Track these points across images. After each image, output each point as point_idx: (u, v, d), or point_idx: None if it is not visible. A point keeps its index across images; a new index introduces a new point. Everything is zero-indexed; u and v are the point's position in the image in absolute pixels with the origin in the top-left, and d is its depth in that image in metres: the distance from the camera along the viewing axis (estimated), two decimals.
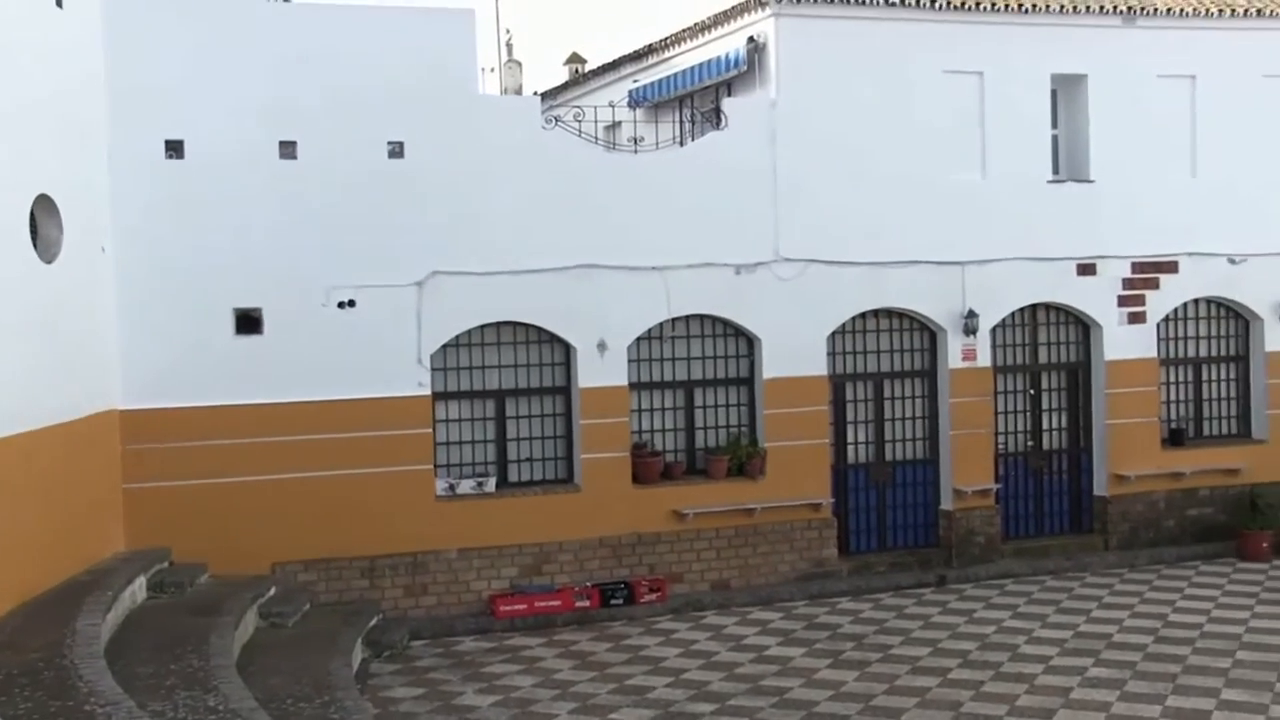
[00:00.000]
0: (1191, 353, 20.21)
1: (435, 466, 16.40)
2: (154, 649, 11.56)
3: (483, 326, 16.63)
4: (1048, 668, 14.05)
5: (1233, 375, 20.41)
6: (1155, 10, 19.04)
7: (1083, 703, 12.80)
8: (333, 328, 15.77)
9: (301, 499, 15.66)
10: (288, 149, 15.56)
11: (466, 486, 16.54)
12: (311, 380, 15.69)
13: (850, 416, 18.46)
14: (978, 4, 18.04)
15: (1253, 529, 19.20)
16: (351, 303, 15.81)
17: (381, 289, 15.90)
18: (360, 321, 15.85)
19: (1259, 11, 19.49)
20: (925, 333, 18.69)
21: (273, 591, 14.82)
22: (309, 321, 15.71)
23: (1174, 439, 19.88)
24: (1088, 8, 18.71)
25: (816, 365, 17.87)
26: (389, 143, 15.90)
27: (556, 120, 16.82)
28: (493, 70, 26.70)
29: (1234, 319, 20.33)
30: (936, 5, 17.83)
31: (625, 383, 17.08)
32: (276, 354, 15.59)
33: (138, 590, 13.59)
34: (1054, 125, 19.12)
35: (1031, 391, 19.44)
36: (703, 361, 17.72)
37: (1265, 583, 17.75)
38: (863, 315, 18.28)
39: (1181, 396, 20.19)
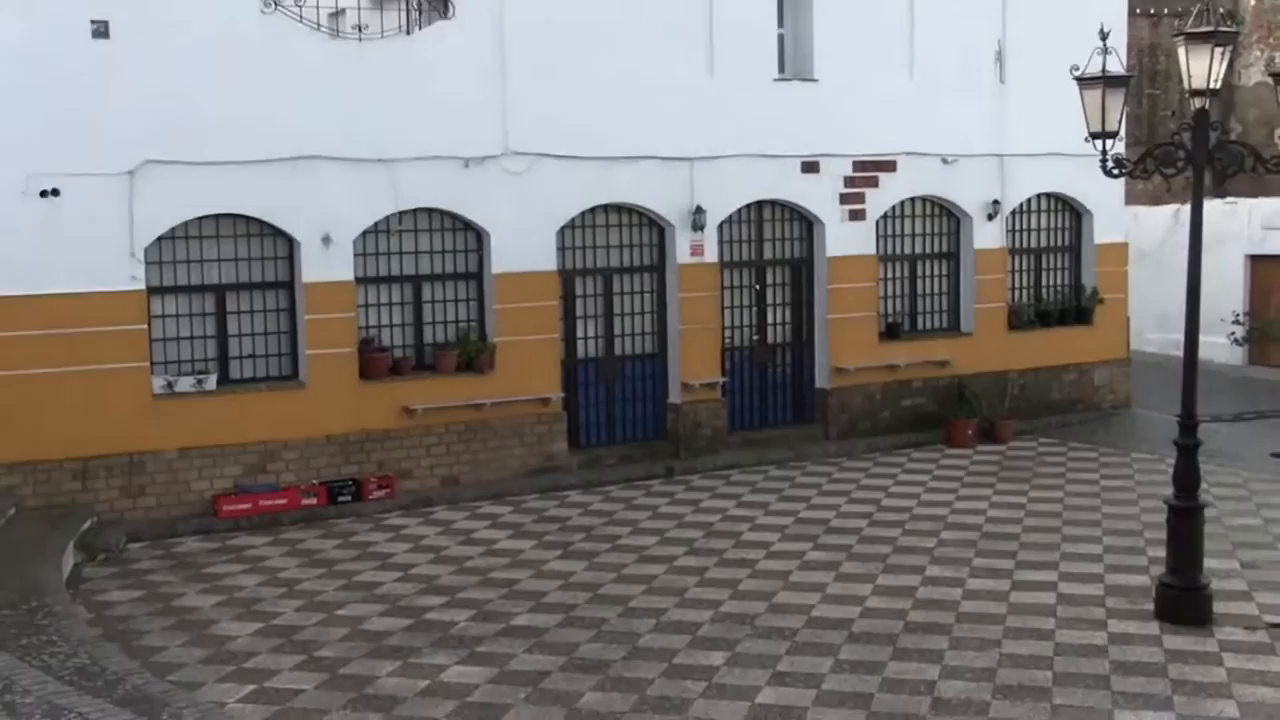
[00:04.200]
0: (908, 250, 20.99)
1: (151, 364, 15.75)
2: None
3: (200, 219, 15.95)
4: (769, 553, 14.52)
5: (945, 271, 21.31)
6: None
7: (801, 584, 13.29)
8: (35, 218, 14.85)
9: (3, 399, 14.82)
10: None
11: (185, 384, 15.94)
12: (11, 273, 14.76)
13: (580, 311, 18.53)
14: None
15: (959, 418, 20.22)
16: (55, 191, 14.90)
17: (89, 177, 15.02)
18: (66, 212, 14.97)
19: None
20: (654, 228, 18.86)
21: None
22: (7, 211, 14.74)
23: (890, 333, 20.67)
24: None
25: (546, 260, 17.85)
26: (92, 21, 14.93)
27: (276, 4, 16.09)
28: None
29: (947, 217, 21.19)
30: None
31: (351, 277, 16.70)
32: None
33: None
34: (780, 24, 19.39)
35: (757, 287, 19.89)
36: (431, 256, 17.46)
37: (969, 467, 18.74)
38: (592, 210, 18.30)
39: (898, 292, 20.99)
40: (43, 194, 14.86)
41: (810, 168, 19.53)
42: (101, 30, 14.99)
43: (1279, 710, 9.85)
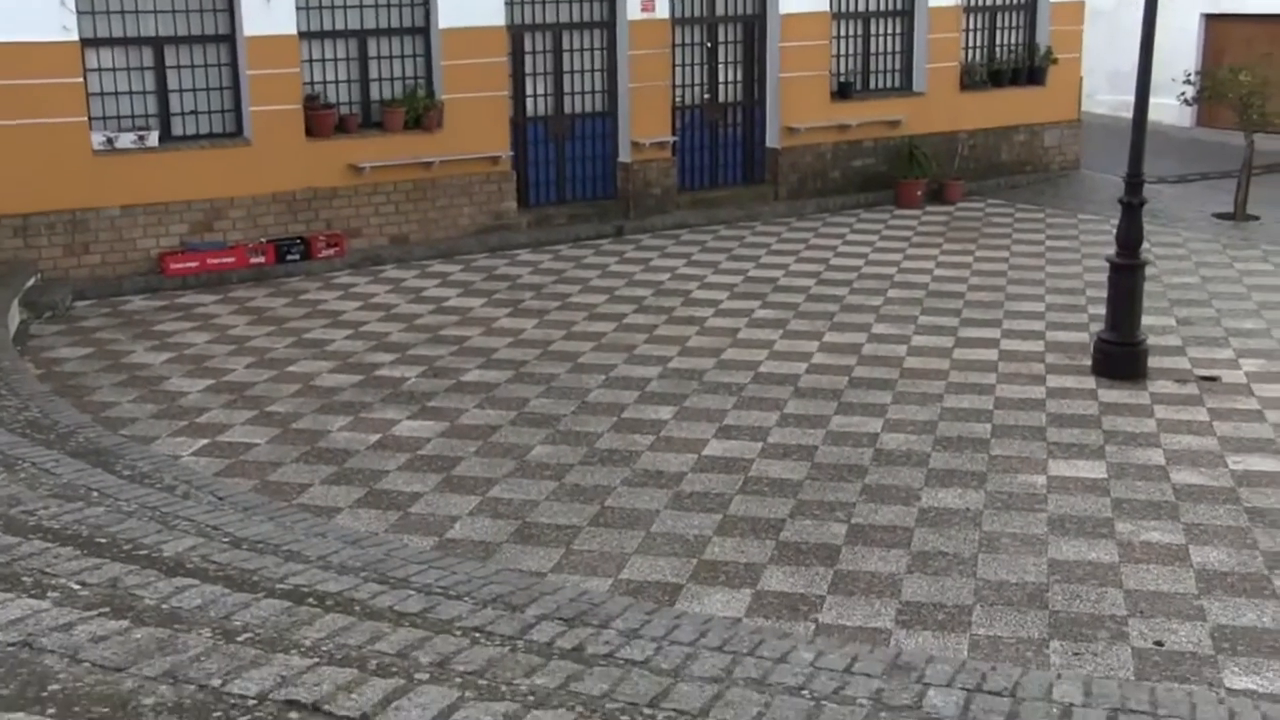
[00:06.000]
0: (861, 7, 20.61)
1: (90, 119, 15.41)
2: None
3: None
4: (718, 311, 14.67)
5: (898, 29, 20.98)
6: None
7: (748, 341, 13.47)
8: None
9: None
10: None
11: (126, 140, 15.64)
12: None
13: (529, 68, 18.19)
14: None
15: (909, 178, 20.21)
16: None
17: None
18: None
19: None
20: None
21: None
22: None
23: (842, 92, 20.47)
24: None
25: (494, 15, 17.42)
26: None
27: None
28: None
29: None
30: None
31: (294, 31, 16.26)
32: None
33: None
34: None
35: (708, 44, 19.54)
36: (376, 10, 16.99)
37: (917, 228, 18.84)
38: None
39: (850, 50, 20.69)
40: None
41: None
42: None
43: (1202, 457, 10.20)
